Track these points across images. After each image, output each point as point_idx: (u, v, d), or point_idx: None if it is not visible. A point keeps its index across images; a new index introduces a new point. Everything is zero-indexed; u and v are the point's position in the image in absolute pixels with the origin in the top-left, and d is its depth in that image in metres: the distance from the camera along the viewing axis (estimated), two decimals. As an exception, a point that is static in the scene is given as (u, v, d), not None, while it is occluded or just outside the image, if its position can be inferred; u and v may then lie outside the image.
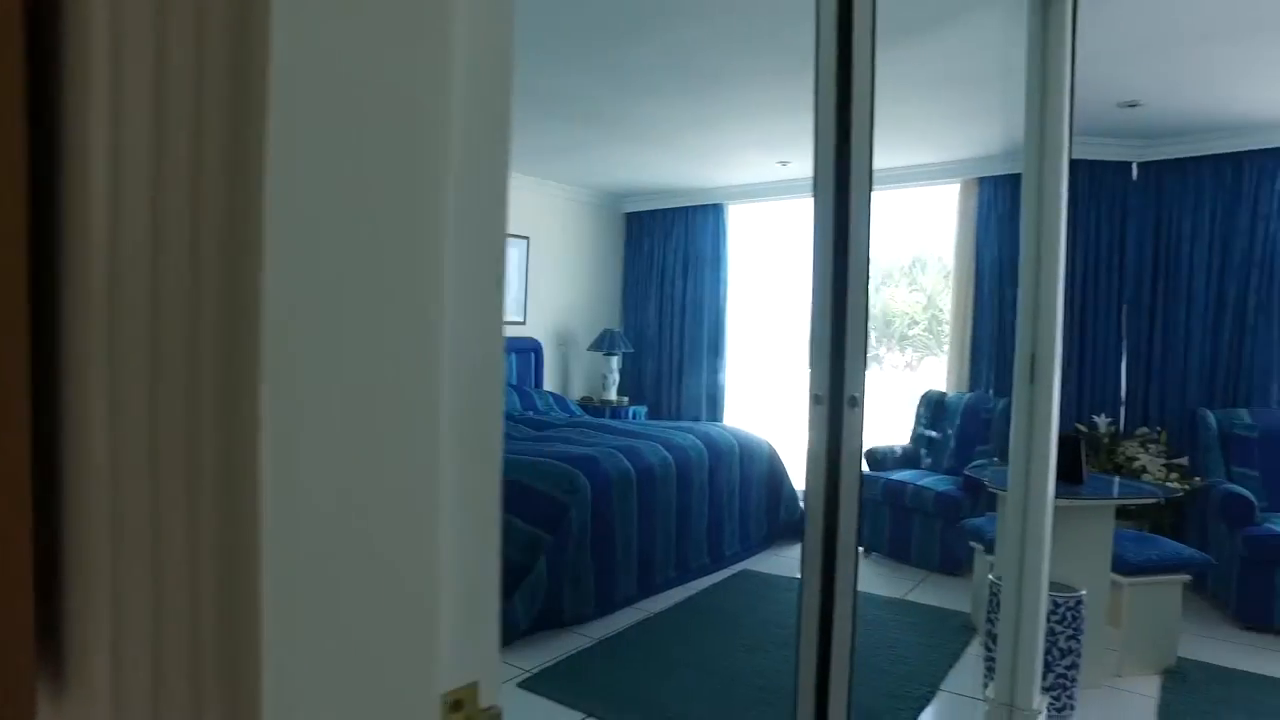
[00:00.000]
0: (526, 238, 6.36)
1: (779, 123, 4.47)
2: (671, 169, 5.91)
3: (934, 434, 4.67)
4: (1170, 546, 3.15)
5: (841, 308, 1.68)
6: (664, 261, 7.02)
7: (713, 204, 6.66)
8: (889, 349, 7.80)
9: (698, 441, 4.43)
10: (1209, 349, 4.52)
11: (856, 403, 1.67)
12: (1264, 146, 4.34)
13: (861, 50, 1.60)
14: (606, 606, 3.66)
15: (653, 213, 7.04)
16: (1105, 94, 3.79)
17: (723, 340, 6.74)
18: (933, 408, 4.53)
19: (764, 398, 6.77)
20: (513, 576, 3.30)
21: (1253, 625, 3.55)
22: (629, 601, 3.79)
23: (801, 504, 3.10)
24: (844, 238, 1.65)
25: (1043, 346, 2.25)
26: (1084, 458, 2.84)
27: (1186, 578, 3.09)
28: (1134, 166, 4.68)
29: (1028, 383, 2.28)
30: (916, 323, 7.56)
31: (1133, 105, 3.92)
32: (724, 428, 5.03)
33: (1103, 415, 4.55)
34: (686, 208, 6.80)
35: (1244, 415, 4.14)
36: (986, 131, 4.46)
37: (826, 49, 1.62)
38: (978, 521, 3.61)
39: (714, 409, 6.75)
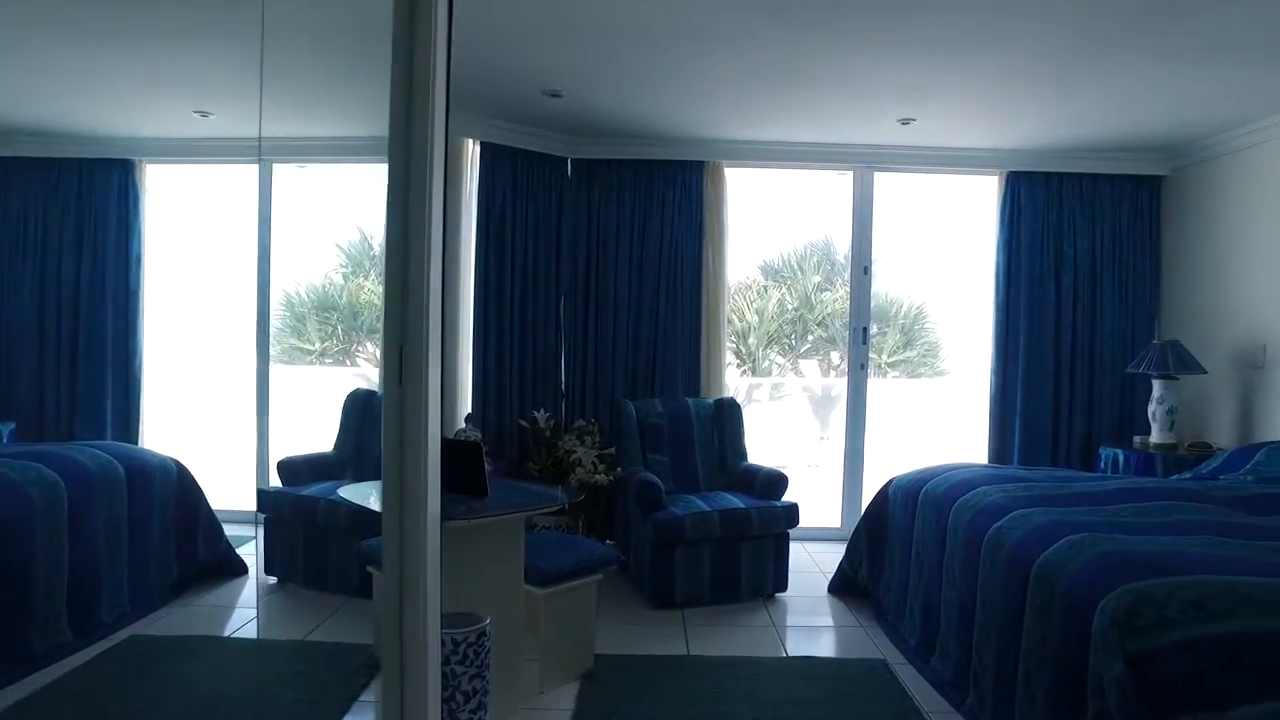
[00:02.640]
0: None
1: (194, 53, 3.45)
2: (46, 102, 4.39)
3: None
4: (585, 548, 3.07)
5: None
6: (44, 230, 5.31)
7: (118, 159, 5.21)
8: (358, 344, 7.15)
9: (47, 476, 3.21)
10: (631, 341, 4.81)
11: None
12: (670, 158, 4.75)
13: None
14: None
15: (22, 162, 5.28)
16: (529, 78, 3.66)
17: (136, 335, 5.34)
18: (360, 410, 4.02)
19: (199, 403, 5.57)
20: None
21: (661, 605, 3.74)
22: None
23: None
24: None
25: (413, 340, 1.82)
26: (485, 466, 2.54)
27: (599, 577, 3.03)
28: (569, 162, 4.76)
29: (396, 383, 1.83)
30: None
31: (556, 95, 3.88)
32: (102, 450, 3.82)
33: (543, 410, 4.52)
34: (78, 160, 5.22)
35: (657, 404, 4.44)
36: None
37: None
38: (375, 541, 3.12)
39: (125, 424, 5.32)
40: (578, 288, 4.81)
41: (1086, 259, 4.87)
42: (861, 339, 5.10)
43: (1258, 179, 4.24)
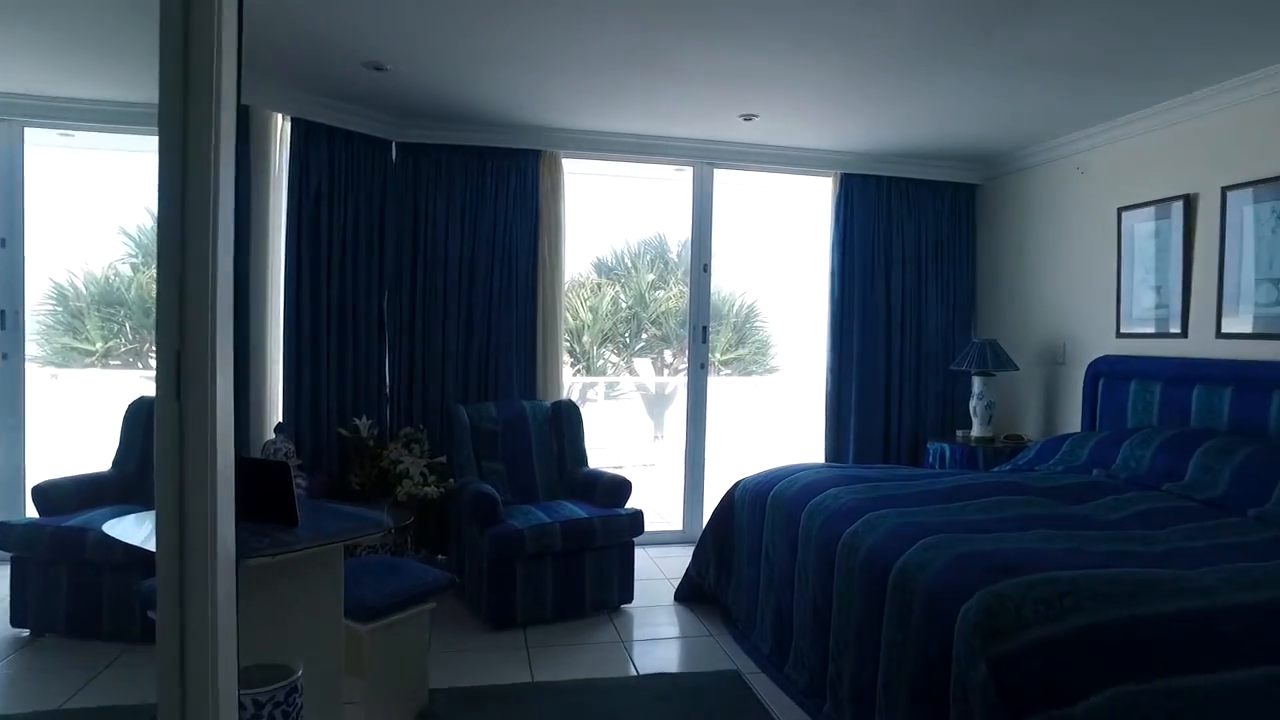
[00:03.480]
0: None
1: None
2: None
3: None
4: (414, 573, 2.73)
5: None
6: None
7: None
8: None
9: None
10: (463, 341, 4.47)
11: None
12: (505, 145, 4.45)
13: None
14: None
15: None
16: (349, 45, 3.25)
17: None
18: (146, 420, 3.42)
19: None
20: None
21: (501, 626, 3.46)
22: None
23: None
24: None
25: (194, 346, 1.45)
26: (296, 488, 2.16)
27: (432, 605, 2.71)
28: (394, 146, 4.34)
29: (173, 397, 1.45)
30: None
31: (379, 68, 3.48)
32: None
33: (365, 417, 4.09)
34: None
35: (491, 409, 4.14)
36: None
37: None
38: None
39: None
40: (404, 283, 4.40)
41: (913, 261, 5.07)
42: (701, 338, 5.04)
43: (1055, 192, 4.56)
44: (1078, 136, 4.29)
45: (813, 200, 5.41)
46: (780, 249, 8.52)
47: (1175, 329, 3.78)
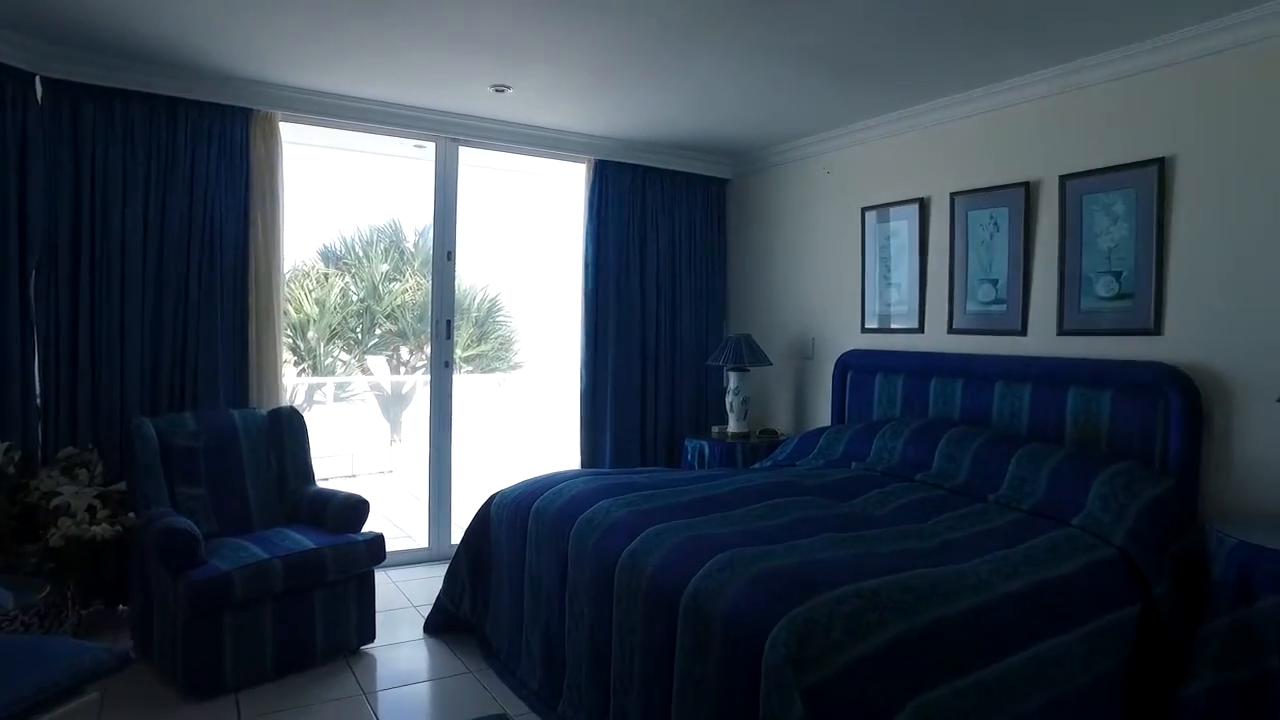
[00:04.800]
0: None
1: None
2: None
3: None
4: (63, 657, 1.98)
5: None
6: None
7: None
8: None
9: None
10: (150, 336, 3.59)
11: None
12: (204, 99, 3.64)
13: None
14: None
15: None
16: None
17: None
18: None
19: None
20: None
21: (204, 694, 2.76)
22: None
23: None
24: None
25: None
26: None
27: (94, 696, 2.01)
28: (38, 81, 3.34)
29: None
30: None
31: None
32: None
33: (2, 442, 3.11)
34: None
35: (189, 421, 3.33)
36: None
37: None
38: None
39: None
40: (60, 261, 3.42)
41: (668, 254, 4.96)
42: (445, 333, 4.56)
43: (803, 190, 4.68)
44: (825, 137, 4.40)
45: (564, 187, 5.12)
46: (526, 238, 8.16)
47: (914, 325, 3.99)
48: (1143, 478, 2.77)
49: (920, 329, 3.95)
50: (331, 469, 7.13)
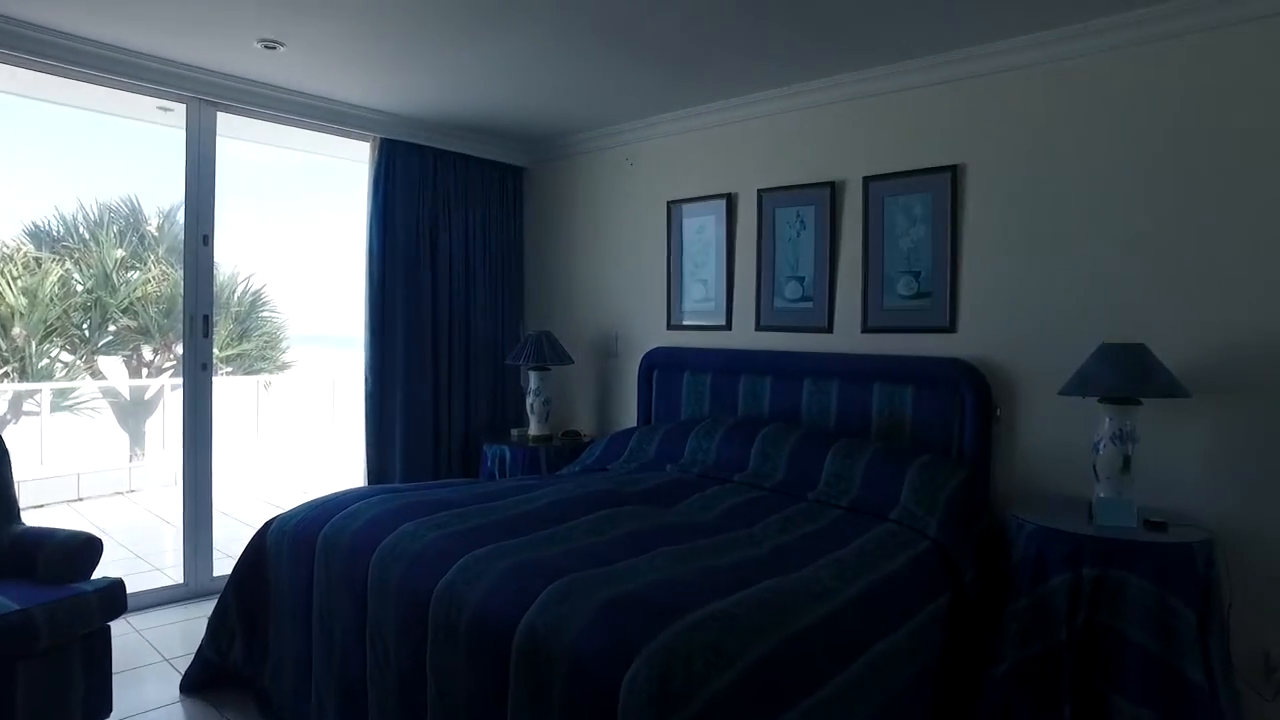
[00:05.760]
0: None
1: None
2: None
3: None
4: None
5: None
6: None
7: None
8: None
9: None
10: None
11: None
12: None
13: None
14: None
15: None
16: None
17: None
18: None
19: None
20: None
21: None
22: None
23: None
24: None
25: None
26: None
27: None
28: None
29: None
30: None
31: None
32: None
33: None
34: None
35: None
36: None
37: None
38: None
39: None
40: None
41: (461, 245, 4.59)
42: (203, 331, 3.90)
43: (605, 181, 4.51)
44: (629, 127, 4.26)
45: (345, 168, 4.59)
46: (299, 223, 7.35)
47: (721, 322, 3.95)
48: (946, 468, 2.88)
49: (728, 326, 3.92)
50: (51, 493, 5.98)
